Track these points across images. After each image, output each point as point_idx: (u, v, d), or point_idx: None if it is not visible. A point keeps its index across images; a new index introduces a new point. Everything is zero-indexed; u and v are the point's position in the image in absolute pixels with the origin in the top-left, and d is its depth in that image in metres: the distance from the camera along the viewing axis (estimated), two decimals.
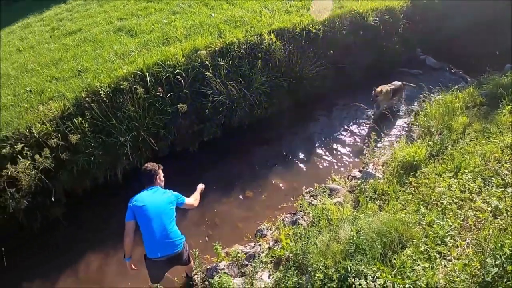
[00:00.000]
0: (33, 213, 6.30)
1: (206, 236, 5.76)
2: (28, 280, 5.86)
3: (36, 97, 6.90)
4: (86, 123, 6.46)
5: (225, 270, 4.67)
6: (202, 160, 6.95)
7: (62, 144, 6.34)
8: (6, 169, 6.07)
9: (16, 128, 6.50)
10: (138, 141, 6.58)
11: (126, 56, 7.25)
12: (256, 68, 7.37)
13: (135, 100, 6.67)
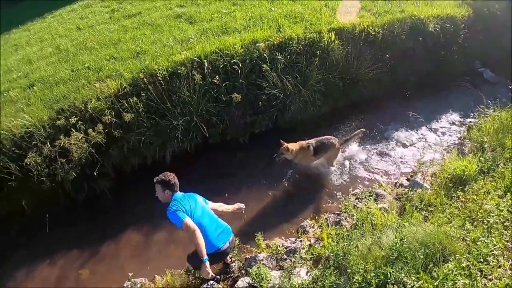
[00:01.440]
0: (80, 185, 6.31)
1: (248, 226, 5.59)
2: (67, 248, 5.97)
3: (93, 74, 6.82)
4: (141, 103, 6.32)
5: (264, 261, 4.54)
6: (251, 151, 6.72)
7: (115, 121, 6.25)
8: (59, 140, 6.09)
9: (72, 102, 6.45)
10: (190, 126, 6.41)
11: (185, 42, 7.08)
12: (312, 65, 7.06)
13: (191, 86, 6.49)
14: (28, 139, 6.40)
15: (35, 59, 8.37)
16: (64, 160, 6.15)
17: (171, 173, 4.06)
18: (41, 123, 6.45)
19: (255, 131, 6.83)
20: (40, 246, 6.19)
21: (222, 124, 6.61)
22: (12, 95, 7.09)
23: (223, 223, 4.32)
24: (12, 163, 6.27)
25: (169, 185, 4.01)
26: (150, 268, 5.34)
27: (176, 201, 3.98)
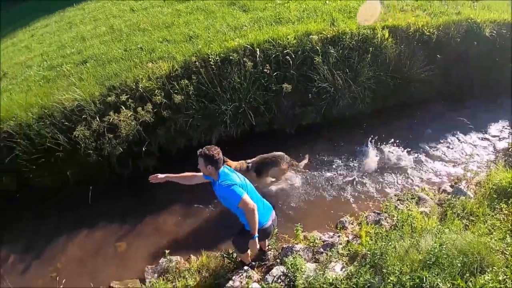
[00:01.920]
0: (126, 161, 6.35)
1: (288, 216, 5.54)
2: (107, 221, 6.11)
3: (146, 54, 6.83)
4: (192, 86, 6.29)
5: (300, 252, 4.50)
6: (296, 143, 6.59)
7: (165, 102, 6.21)
8: (109, 116, 6.15)
9: (123, 80, 6.46)
10: (238, 112, 6.34)
11: (238, 30, 7.00)
12: (364, 62, 6.88)
13: (242, 73, 6.42)
14: (78, 113, 6.45)
15: (89, 37, 8.47)
16: (111, 136, 6.20)
17: (216, 147, 3.75)
18: (92, 99, 6.48)
19: (303, 123, 6.65)
20: (82, 217, 6.30)
21: (269, 114, 6.47)
22: (65, 69, 7.15)
23: (265, 200, 4.21)
24: (61, 134, 6.34)
25: (212, 160, 3.70)
26: (186, 248, 5.35)
27: (227, 175, 3.81)
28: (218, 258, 4.89)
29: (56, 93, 6.82)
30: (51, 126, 6.53)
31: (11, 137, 6.75)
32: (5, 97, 7.48)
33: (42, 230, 6.50)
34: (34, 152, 6.56)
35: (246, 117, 6.36)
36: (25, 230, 6.59)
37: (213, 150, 3.69)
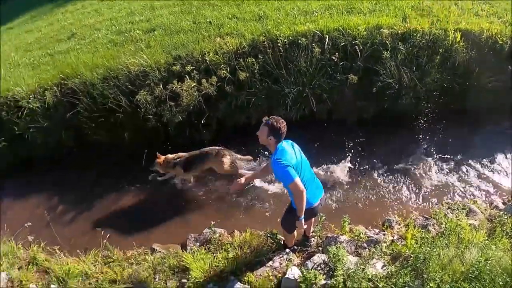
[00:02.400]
0: (183, 129, 6.41)
1: (336, 207, 5.47)
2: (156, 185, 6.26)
3: (214, 29, 6.81)
4: (257, 65, 6.24)
5: (344, 244, 4.44)
6: (353, 135, 6.42)
7: (229, 77, 6.15)
8: (172, 84, 6.19)
9: (190, 51, 6.46)
10: (301, 97, 6.24)
11: (309, 15, 6.87)
12: (432, 63, 6.58)
13: (309, 58, 6.31)
14: (142, 78, 6.51)
15: (158, 7, 8.55)
16: (172, 104, 6.20)
17: (283, 120, 3.64)
18: (157, 66, 6.53)
19: (363, 116, 6.47)
20: (134, 178, 6.47)
21: (331, 102, 6.29)
22: (133, 35, 7.20)
23: (317, 179, 4.09)
24: (123, 97, 6.40)
25: (277, 133, 3.60)
26: (231, 222, 5.39)
27: (284, 152, 3.65)
28: (262, 237, 4.87)
29: (122, 57, 6.90)
30: (115, 88, 6.61)
31: (74, 94, 6.87)
32: (72, 55, 7.61)
33: (93, 186, 6.59)
34: (95, 110, 6.67)
35: (307, 102, 6.24)
36: (77, 183, 6.72)
37: (281, 123, 3.59)
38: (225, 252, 4.73)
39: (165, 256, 5.05)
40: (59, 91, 7.15)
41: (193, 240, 5.18)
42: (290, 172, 3.55)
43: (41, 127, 7.12)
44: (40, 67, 8.21)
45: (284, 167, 3.59)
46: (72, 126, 7.10)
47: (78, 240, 5.96)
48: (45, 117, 7.14)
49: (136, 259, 5.19)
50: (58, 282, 5.05)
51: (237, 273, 4.45)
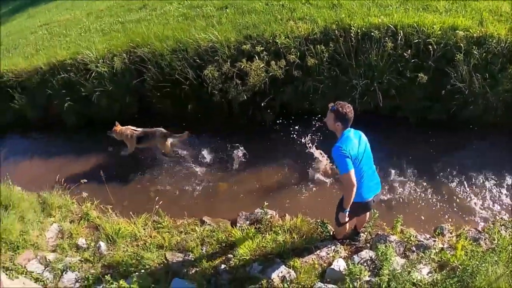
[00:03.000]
0: (246, 108, 6.43)
1: (391, 205, 5.33)
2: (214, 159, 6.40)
3: (287, 12, 6.75)
4: (327, 53, 6.12)
5: (393, 244, 4.34)
6: (416, 134, 6.25)
7: (298, 62, 6.03)
8: (240, 62, 6.16)
9: (261, 32, 6.42)
10: (368, 90, 6.06)
11: (384, 8, 6.67)
12: (506, 72, 6.24)
13: (380, 52, 6.11)
14: (211, 53, 6.53)
15: None
16: (239, 82, 6.16)
17: (350, 105, 3.56)
18: (226, 43, 6.52)
19: (428, 118, 6.27)
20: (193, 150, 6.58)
21: (398, 99, 6.11)
22: (205, 11, 7.22)
23: (377, 175, 3.97)
24: (191, 70, 6.42)
25: (343, 118, 3.53)
26: (283, 206, 5.36)
27: (347, 141, 3.57)
28: (312, 225, 4.83)
29: (192, 31, 6.94)
30: (183, 60, 6.66)
31: (142, 62, 6.97)
32: (143, 25, 7.72)
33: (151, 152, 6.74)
34: (162, 80, 6.74)
35: (374, 97, 6.08)
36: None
37: (346, 108, 3.51)
38: (274, 234, 4.72)
39: (215, 229, 5.11)
40: (128, 58, 7.28)
41: (244, 218, 5.20)
42: (347, 163, 3.48)
43: (107, 91, 7.28)
44: (110, 33, 8.39)
45: (342, 156, 3.53)
46: (137, 93, 7.21)
47: (130, 203, 6.13)
48: (112, 81, 7.29)
49: (185, 228, 5.29)
50: (107, 239, 5.22)
51: (284, 257, 4.44)
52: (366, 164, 3.78)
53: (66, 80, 7.94)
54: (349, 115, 3.53)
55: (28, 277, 4.90)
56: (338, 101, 3.62)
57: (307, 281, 4.10)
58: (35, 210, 5.88)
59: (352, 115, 3.59)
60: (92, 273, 4.76)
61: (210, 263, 4.55)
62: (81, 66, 7.75)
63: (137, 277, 4.48)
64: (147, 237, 5.23)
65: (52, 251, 5.29)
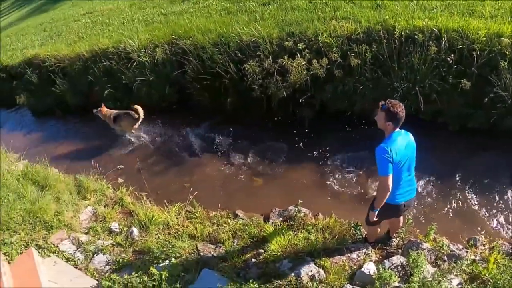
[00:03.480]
0: (285, 104, 6.39)
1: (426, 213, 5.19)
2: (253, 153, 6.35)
3: (330, 11, 6.69)
4: (370, 54, 6.02)
5: (425, 252, 4.22)
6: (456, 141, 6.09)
7: (340, 61, 5.95)
8: (282, 59, 6.11)
9: (303, 30, 6.38)
10: (409, 93, 5.96)
11: (428, 10, 6.56)
12: None
13: (423, 55, 5.98)
14: (253, 48, 6.54)
15: None
16: (280, 78, 6.14)
17: (401, 104, 3.39)
18: (269, 39, 6.52)
19: (468, 125, 6.12)
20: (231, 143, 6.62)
21: (440, 105, 6.00)
22: (248, 6, 7.22)
23: (414, 180, 3.86)
24: (232, 64, 6.43)
25: (395, 118, 3.38)
26: (317, 205, 5.26)
27: (393, 144, 3.44)
28: (345, 226, 4.76)
29: (235, 25, 6.96)
30: (224, 54, 6.69)
31: (184, 54, 7.03)
32: (185, 17, 7.78)
33: (187, 144, 6.78)
34: (202, 73, 6.77)
35: (415, 100, 5.97)
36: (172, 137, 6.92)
37: (398, 107, 3.35)
38: (306, 233, 4.68)
39: (247, 223, 5.12)
40: (169, 49, 7.36)
41: (277, 214, 5.19)
42: (387, 167, 3.42)
43: (148, 80, 7.37)
44: (153, 24, 8.50)
45: (385, 159, 3.45)
46: (176, 84, 7.29)
47: (165, 191, 6.20)
48: (153, 71, 7.39)
49: (218, 220, 5.31)
50: (139, 225, 5.30)
51: (314, 256, 4.40)
52: (407, 169, 3.70)
53: (107, 68, 8.09)
54: (401, 114, 3.37)
55: (60, 256, 5.02)
56: (390, 99, 3.41)
57: (336, 282, 4.05)
58: (71, 192, 6.06)
59: (404, 115, 3.45)
60: (123, 257, 4.85)
61: (240, 257, 4.56)
62: (123, 55, 7.88)
63: (168, 264, 4.54)
64: (180, 226, 5.29)
65: (85, 233, 5.42)
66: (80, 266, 4.87)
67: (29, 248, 4.96)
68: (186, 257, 4.67)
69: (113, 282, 4.43)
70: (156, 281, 4.31)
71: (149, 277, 4.38)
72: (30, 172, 6.35)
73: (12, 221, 5.31)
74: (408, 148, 3.61)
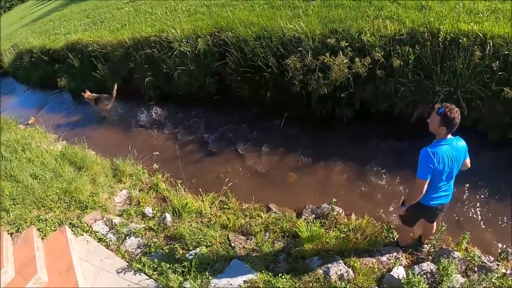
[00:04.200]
0: (324, 101, 6.37)
1: (459, 221, 4.99)
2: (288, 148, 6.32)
3: (374, 10, 6.60)
4: (412, 55, 5.90)
5: (456, 261, 4.14)
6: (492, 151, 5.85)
7: (382, 61, 5.88)
8: (324, 56, 6.06)
9: (347, 28, 6.30)
10: (451, 98, 5.81)
11: (474, 14, 6.36)
12: None
13: (467, 60, 5.80)
14: (296, 44, 6.50)
15: None
16: (321, 75, 6.10)
17: (458, 110, 3.25)
18: (311, 35, 6.48)
19: (508, 136, 5.95)
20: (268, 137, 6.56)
21: (480, 112, 5.86)
22: (291, 1, 7.19)
23: (452, 186, 3.71)
24: (273, 58, 6.42)
25: (450, 123, 3.26)
26: (350, 204, 5.21)
27: (439, 152, 3.35)
28: (377, 228, 4.70)
29: (278, 20, 6.93)
30: (266, 48, 6.68)
31: (225, 46, 7.06)
32: (228, 10, 7.80)
33: (225, 135, 6.82)
34: (243, 65, 6.78)
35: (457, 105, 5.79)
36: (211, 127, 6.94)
37: (455, 113, 3.22)
38: (338, 232, 4.67)
39: (280, 217, 5.12)
40: (211, 40, 7.40)
41: (310, 211, 5.17)
42: (426, 172, 3.38)
43: (188, 69, 7.43)
44: (196, 15, 8.56)
45: (426, 164, 3.35)
46: (217, 75, 7.33)
47: (199, 180, 6.26)
48: (194, 61, 7.46)
49: (250, 212, 5.34)
50: (173, 212, 5.36)
51: (344, 255, 4.39)
52: (447, 177, 3.59)
53: (149, 56, 8.20)
54: (457, 120, 3.24)
55: (92, 236, 5.16)
56: (446, 103, 3.28)
57: (365, 283, 4.03)
58: (107, 174, 6.21)
59: (458, 120, 3.25)
60: (155, 242, 4.91)
61: (271, 250, 4.57)
62: (165, 44, 7.97)
63: (198, 252, 4.60)
64: (213, 215, 5.33)
65: (119, 215, 5.54)
66: (112, 247, 4.97)
67: (63, 225, 5.16)
68: (217, 247, 4.72)
69: (143, 265, 4.55)
70: (186, 267, 4.40)
71: (179, 263, 4.47)
72: (68, 152, 6.56)
73: (48, 199, 5.48)
74: (454, 157, 3.48)
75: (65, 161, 6.37)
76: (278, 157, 6.26)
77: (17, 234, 5.14)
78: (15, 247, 4.96)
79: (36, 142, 6.96)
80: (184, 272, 4.37)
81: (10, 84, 13.67)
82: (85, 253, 4.93)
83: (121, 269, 4.65)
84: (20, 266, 4.61)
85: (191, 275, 4.31)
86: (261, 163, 6.27)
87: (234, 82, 7.05)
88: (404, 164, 5.44)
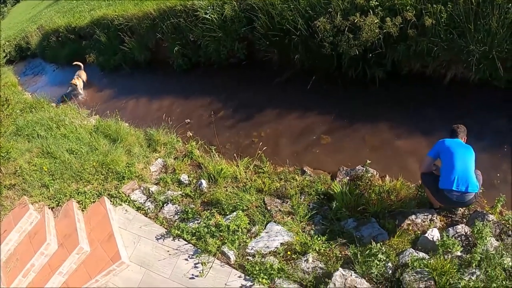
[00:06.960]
0: (355, 63, 6.03)
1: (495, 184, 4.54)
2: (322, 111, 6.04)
3: None
4: (445, 14, 5.49)
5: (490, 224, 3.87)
6: None
7: (414, 21, 5.48)
8: (354, 16, 5.71)
9: None
10: (485, 58, 5.42)
11: None
12: None
13: (501, 18, 5.41)
14: (324, 5, 6.15)
15: None
16: (351, 36, 5.76)
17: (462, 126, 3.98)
18: None
19: None
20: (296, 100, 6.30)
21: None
22: None
23: (472, 179, 3.65)
24: (302, 20, 6.08)
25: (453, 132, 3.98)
26: (385, 166, 4.91)
27: (453, 144, 3.83)
28: (411, 190, 4.44)
29: None
30: (294, 10, 6.34)
31: (252, 10, 6.73)
32: None
33: (256, 99, 6.56)
34: (271, 29, 6.47)
35: (492, 66, 5.46)
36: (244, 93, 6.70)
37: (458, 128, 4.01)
38: (373, 193, 4.45)
39: (315, 180, 4.93)
40: (238, 5, 7.07)
41: (344, 173, 4.94)
42: (433, 149, 3.92)
43: (216, 36, 7.15)
44: None
45: (437, 144, 3.91)
46: (245, 40, 7.03)
47: (234, 145, 6.10)
48: (221, 28, 7.18)
49: (285, 176, 5.15)
50: (208, 178, 5.23)
51: (379, 217, 4.22)
52: (461, 162, 3.70)
53: (175, 25, 7.92)
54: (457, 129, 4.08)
55: (131, 205, 5.12)
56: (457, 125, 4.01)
57: (399, 244, 3.89)
58: (141, 145, 6.10)
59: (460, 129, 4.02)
60: (192, 208, 4.82)
61: (306, 212, 4.43)
62: (191, 12, 7.65)
63: (235, 216, 4.49)
64: (248, 180, 5.17)
65: (155, 183, 5.45)
66: (150, 215, 4.93)
67: (101, 197, 5.12)
68: (253, 210, 4.60)
69: (181, 230, 4.50)
70: (224, 231, 4.31)
71: (216, 227, 4.39)
72: (102, 126, 6.47)
73: (86, 172, 5.42)
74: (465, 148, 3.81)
75: (99, 134, 6.30)
76: (311, 120, 5.99)
77: (58, 208, 5.13)
78: (57, 220, 4.97)
79: (69, 119, 6.90)
80: (222, 236, 4.30)
81: (39, 65, 13.54)
82: (125, 222, 4.93)
83: (160, 236, 4.64)
84: (63, 238, 4.63)
85: (228, 239, 4.24)
86: (294, 126, 6.04)
87: (263, 47, 6.75)
88: (437, 125, 5.14)
